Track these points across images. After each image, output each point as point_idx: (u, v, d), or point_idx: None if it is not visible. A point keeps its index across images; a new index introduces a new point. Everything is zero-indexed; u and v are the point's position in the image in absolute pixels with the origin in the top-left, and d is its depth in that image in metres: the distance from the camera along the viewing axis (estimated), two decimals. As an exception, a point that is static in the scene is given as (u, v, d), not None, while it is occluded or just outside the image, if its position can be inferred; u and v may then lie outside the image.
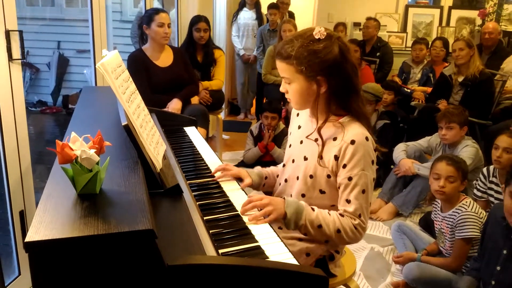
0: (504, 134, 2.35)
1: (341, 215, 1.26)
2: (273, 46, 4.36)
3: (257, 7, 4.99)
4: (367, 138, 1.25)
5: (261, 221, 1.22)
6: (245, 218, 1.24)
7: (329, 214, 1.26)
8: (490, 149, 2.39)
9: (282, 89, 1.32)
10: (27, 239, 0.78)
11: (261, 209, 1.24)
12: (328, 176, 1.29)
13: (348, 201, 1.25)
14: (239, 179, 1.51)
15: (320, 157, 1.29)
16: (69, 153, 0.92)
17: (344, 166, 1.25)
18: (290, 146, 1.44)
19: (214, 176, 1.51)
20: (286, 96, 1.33)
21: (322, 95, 1.26)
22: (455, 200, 2.14)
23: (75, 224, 0.84)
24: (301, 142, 1.38)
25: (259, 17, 4.99)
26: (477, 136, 3.40)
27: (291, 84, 1.27)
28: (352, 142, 1.23)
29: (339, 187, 1.28)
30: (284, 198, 1.27)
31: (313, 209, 1.26)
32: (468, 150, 2.75)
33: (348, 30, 5.37)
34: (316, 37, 1.22)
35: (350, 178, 1.24)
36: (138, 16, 3.88)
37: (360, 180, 1.23)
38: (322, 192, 1.32)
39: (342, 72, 1.23)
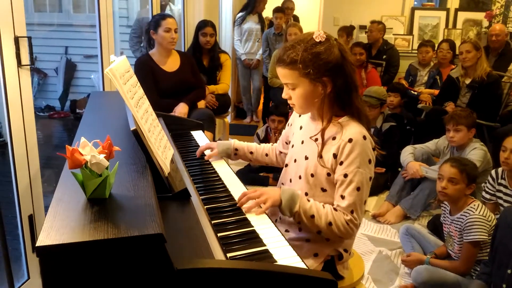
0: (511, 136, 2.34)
1: (335, 209, 1.29)
2: (279, 50, 4.36)
3: (258, 12, 4.99)
4: (364, 137, 1.28)
5: (258, 211, 1.27)
6: (252, 222, 1.24)
7: (323, 207, 1.29)
8: (499, 151, 2.37)
9: (285, 95, 1.34)
10: (38, 244, 0.79)
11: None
12: (328, 174, 1.32)
13: (342, 197, 1.28)
14: (243, 182, 1.54)
15: (320, 156, 1.32)
16: (79, 158, 0.92)
17: (341, 163, 1.28)
18: (292, 146, 1.47)
19: (220, 179, 1.53)
20: (289, 102, 1.35)
21: (327, 96, 1.29)
22: (462, 203, 2.12)
23: (85, 228, 0.85)
24: (302, 142, 1.41)
25: (262, 21, 5.00)
26: (485, 139, 3.38)
27: (295, 89, 1.30)
28: (350, 140, 1.27)
29: (335, 183, 1.31)
30: (280, 188, 1.31)
31: (308, 200, 1.30)
32: (476, 152, 2.73)
33: (354, 33, 5.36)
34: (317, 40, 1.26)
35: (345, 175, 1.27)
36: (137, 23, 3.91)
37: (355, 177, 1.26)
38: (323, 190, 1.35)
39: (344, 71, 1.28)
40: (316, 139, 1.34)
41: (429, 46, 4.43)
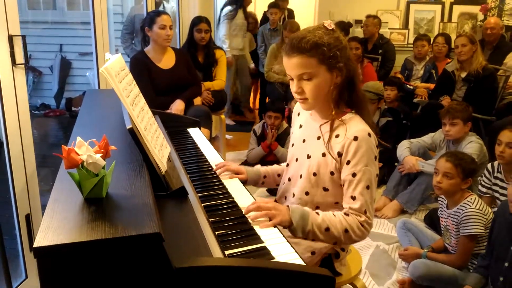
0: (507, 129, 2.34)
1: (346, 214, 1.26)
2: (276, 45, 4.34)
3: (244, 6, 4.83)
4: (369, 134, 1.26)
5: (264, 224, 1.21)
6: (250, 219, 1.24)
7: (334, 215, 1.26)
8: (495, 144, 2.38)
9: (296, 89, 1.28)
10: (35, 245, 0.79)
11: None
12: (332, 173, 1.30)
13: (353, 198, 1.26)
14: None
15: (328, 146, 1.29)
16: (75, 158, 0.92)
17: (348, 162, 1.26)
18: (292, 145, 1.45)
19: (217, 176, 1.53)
20: (301, 96, 1.29)
21: (340, 83, 1.28)
22: (459, 197, 2.13)
23: (82, 228, 0.85)
24: (304, 140, 1.40)
25: (247, 16, 4.86)
26: (481, 132, 3.39)
27: (312, 79, 1.25)
28: (355, 138, 1.25)
29: (343, 184, 1.29)
30: (288, 207, 1.26)
31: (317, 213, 1.26)
32: (472, 146, 2.74)
33: (350, 29, 5.35)
34: (330, 28, 1.26)
35: (354, 174, 1.25)
36: (129, 20, 3.89)
37: (364, 176, 1.24)
38: (325, 189, 1.33)
39: (351, 59, 1.29)
40: (319, 137, 1.33)
41: (424, 40, 4.43)
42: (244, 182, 1.54)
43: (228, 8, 4.72)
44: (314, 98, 1.28)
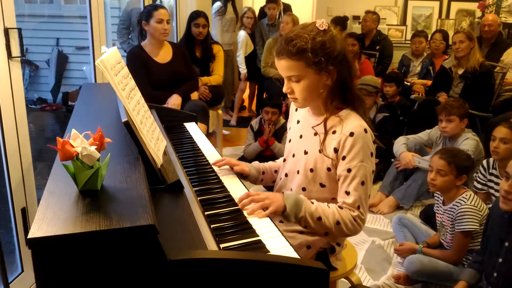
0: (501, 125, 2.36)
1: (340, 207, 1.27)
2: (273, 39, 4.32)
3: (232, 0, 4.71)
4: (365, 130, 1.26)
5: (260, 215, 1.23)
6: (245, 213, 1.24)
7: (328, 207, 1.27)
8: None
9: (286, 89, 1.30)
10: (29, 236, 0.79)
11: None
12: (328, 169, 1.31)
13: (347, 193, 1.26)
14: (239, 174, 1.53)
15: (323, 147, 1.29)
16: (70, 150, 0.92)
17: (344, 158, 1.26)
18: (290, 141, 1.45)
19: (214, 170, 1.53)
20: (291, 96, 1.31)
21: (331, 85, 1.27)
22: (454, 193, 2.14)
23: (77, 220, 0.85)
24: (301, 136, 1.39)
25: (236, 11, 4.77)
26: (477, 129, 3.40)
27: (300, 81, 1.26)
28: (351, 134, 1.25)
29: (338, 179, 1.29)
30: (282, 193, 1.28)
31: (312, 202, 1.27)
32: (468, 142, 2.75)
33: (348, 24, 5.34)
34: (321, 28, 1.24)
35: (349, 170, 1.25)
36: (125, 14, 3.86)
37: (359, 171, 1.25)
38: (322, 185, 1.34)
39: (346, 59, 1.27)
40: (316, 133, 1.33)
41: (422, 36, 4.44)
42: (245, 177, 1.54)
43: (218, 4, 4.63)
44: (303, 98, 1.30)
